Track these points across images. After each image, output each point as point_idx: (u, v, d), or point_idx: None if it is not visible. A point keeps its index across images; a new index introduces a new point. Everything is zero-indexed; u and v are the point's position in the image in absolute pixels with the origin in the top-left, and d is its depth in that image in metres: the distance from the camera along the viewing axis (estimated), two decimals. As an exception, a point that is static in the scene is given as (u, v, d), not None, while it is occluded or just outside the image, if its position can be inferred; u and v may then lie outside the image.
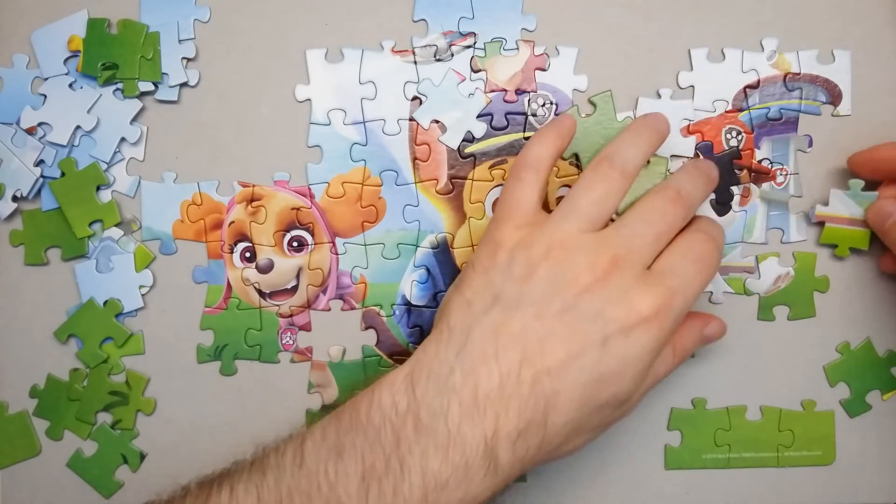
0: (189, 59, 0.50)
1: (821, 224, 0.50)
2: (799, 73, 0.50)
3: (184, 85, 0.51)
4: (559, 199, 0.50)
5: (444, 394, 0.39)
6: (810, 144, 0.50)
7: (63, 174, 0.50)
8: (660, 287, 0.40)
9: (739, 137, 0.50)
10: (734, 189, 0.50)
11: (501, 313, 0.40)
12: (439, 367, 0.40)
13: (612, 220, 0.43)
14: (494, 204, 0.50)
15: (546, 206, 0.50)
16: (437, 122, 0.50)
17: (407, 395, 0.39)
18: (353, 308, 0.51)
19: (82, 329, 0.51)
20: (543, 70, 0.50)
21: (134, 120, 0.50)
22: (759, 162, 0.50)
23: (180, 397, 0.51)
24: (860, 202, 0.49)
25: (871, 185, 0.49)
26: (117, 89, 0.50)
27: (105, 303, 0.51)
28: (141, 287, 0.51)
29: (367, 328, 0.51)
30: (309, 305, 0.51)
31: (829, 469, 0.51)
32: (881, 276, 0.50)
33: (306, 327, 0.51)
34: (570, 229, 0.41)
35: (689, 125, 0.50)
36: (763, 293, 0.51)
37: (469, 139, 0.50)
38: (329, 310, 0.51)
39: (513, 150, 0.50)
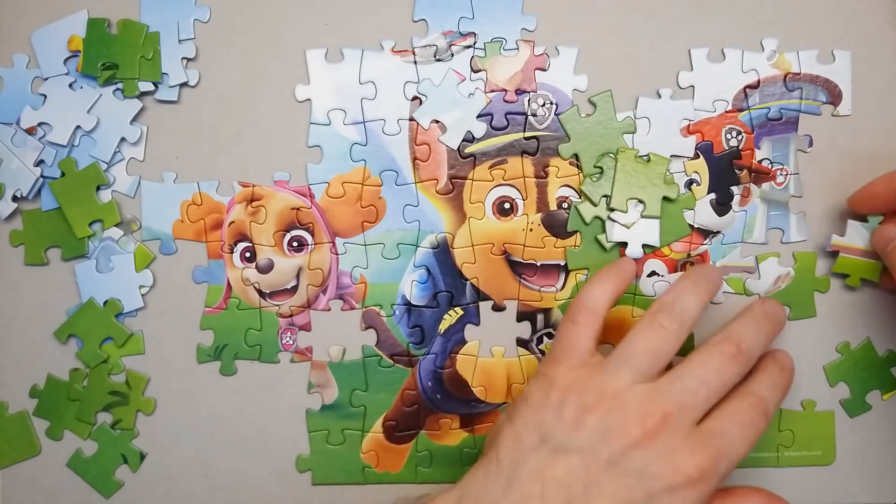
0: (189, 59, 0.50)
1: (835, 253, 0.50)
2: (799, 73, 0.50)
3: (184, 85, 0.51)
4: (559, 199, 0.50)
5: None
6: (810, 144, 0.50)
7: (63, 174, 0.50)
8: (707, 449, 0.40)
9: (739, 137, 0.50)
10: (734, 189, 0.50)
11: (549, 455, 0.40)
12: (486, 497, 0.40)
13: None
14: (494, 204, 0.50)
15: (546, 205, 0.50)
16: (437, 122, 0.50)
17: None
18: (353, 308, 0.51)
19: (82, 329, 0.51)
20: (543, 70, 0.50)
21: (134, 120, 0.50)
22: (760, 162, 0.50)
23: (180, 397, 0.51)
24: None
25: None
26: (117, 89, 0.50)
27: (105, 303, 0.51)
28: (141, 287, 0.51)
29: (367, 328, 0.51)
30: (309, 305, 0.51)
31: (829, 469, 0.51)
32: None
33: (306, 327, 0.51)
34: (624, 380, 0.41)
35: (689, 125, 0.50)
36: (763, 293, 0.51)
37: (469, 139, 0.50)
38: (329, 310, 0.51)
39: (513, 149, 0.50)
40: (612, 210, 0.50)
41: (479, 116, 0.50)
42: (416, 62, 0.50)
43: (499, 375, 0.51)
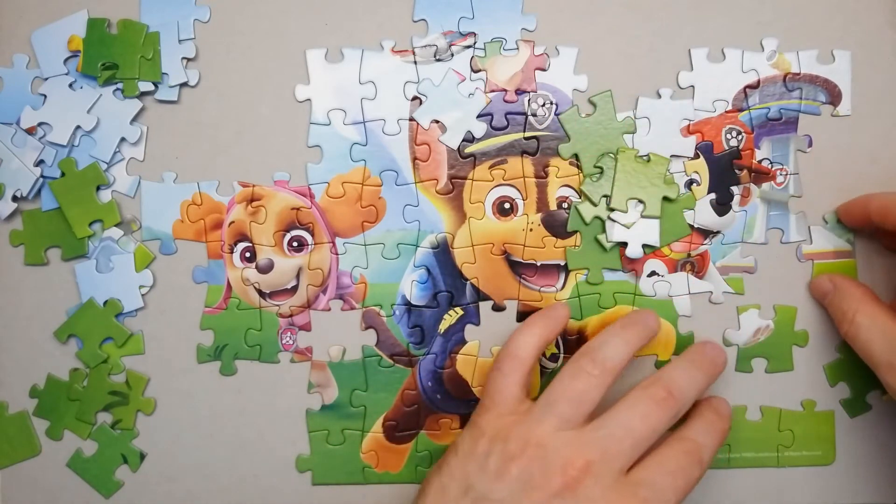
0: (189, 59, 0.50)
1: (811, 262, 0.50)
2: (799, 73, 0.50)
3: (184, 85, 0.51)
4: (559, 199, 0.50)
5: None
6: (810, 144, 0.50)
7: (63, 174, 0.50)
8: (632, 499, 0.39)
9: (739, 137, 0.50)
10: (734, 189, 0.50)
11: None
12: None
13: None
14: (494, 204, 0.50)
15: (546, 205, 0.50)
16: (437, 122, 0.50)
17: None
18: (353, 308, 0.51)
19: (82, 329, 0.51)
20: (543, 70, 0.50)
21: (134, 120, 0.50)
22: (759, 162, 0.50)
23: (180, 397, 0.51)
24: (840, 234, 0.50)
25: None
26: (117, 89, 0.50)
27: (105, 303, 0.51)
28: (141, 287, 0.51)
29: (367, 328, 0.51)
30: (309, 305, 0.51)
31: (829, 469, 0.51)
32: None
33: (306, 327, 0.51)
34: (548, 427, 0.41)
35: (689, 125, 0.50)
36: (742, 345, 0.51)
37: (469, 139, 0.50)
38: (329, 310, 0.51)
39: (513, 149, 0.50)
40: (612, 210, 0.50)
41: (479, 116, 0.50)
42: (416, 62, 0.50)
43: (499, 375, 0.51)
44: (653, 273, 0.50)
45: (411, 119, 0.50)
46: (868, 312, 0.45)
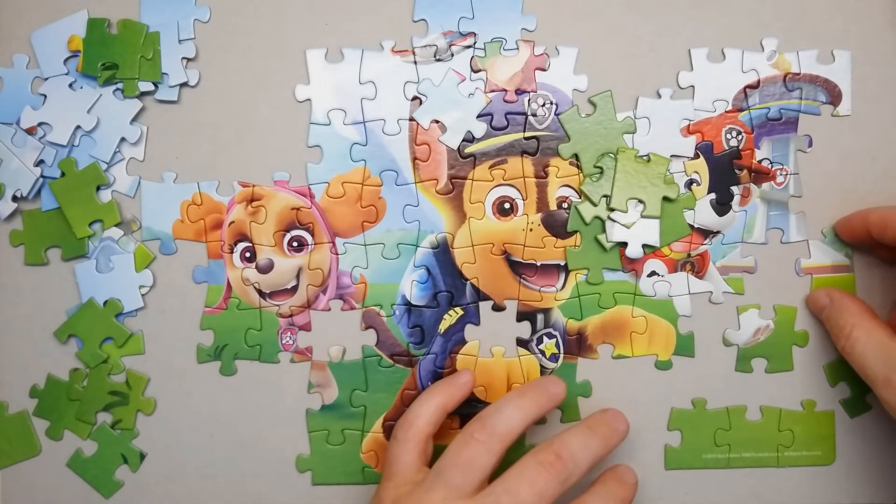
0: (189, 59, 0.50)
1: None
2: (799, 73, 0.50)
3: (184, 85, 0.51)
4: (559, 199, 0.50)
5: None
6: (810, 144, 0.50)
7: (63, 174, 0.50)
8: None
9: (739, 137, 0.50)
10: (734, 189, 0.50)
11: None
12: None
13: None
14: (494, 204, 0.50)
15: (546, 205, 0.50)
16: (437, 122, 0.50)
17: None
18: (353, 308, 0.51)
19: (82, 329, 0.51)
20: (543, 70, 0.50)
21: (134, 120, 0.50)
22: (759, 162, 0.50)
23: (180, 397, 0.51)
24: (839, 248, 0.50)
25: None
26: (117, 89, 0.50)
27: (105, 303, 0.51)
28: (141, 287, 0.51)
29: (367, 328, 0.51)
30: (309, 305, 0.51)
31: (828, 469, 0.51)
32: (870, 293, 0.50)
33: (306, 327, 0.51)
34: (438, 496, 0.41)
35: (689, 125, 0.50)
36: (742, 345, 0.51)
37: (469, 139, 0.50)
38: (329, 310, 0.51)
39: (513, 149, 0.50)
40: (612, 210, 0.50)
41: (479, 116, 0.50)
42: (416, 62, 0.50)
43: (499, 375, 0.51)
44: (653, 273, 0.50)
45: (411, 119, 0.50)
46: (865, 328, 0.45)
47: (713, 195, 0.50)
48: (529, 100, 0.50)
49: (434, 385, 0.47)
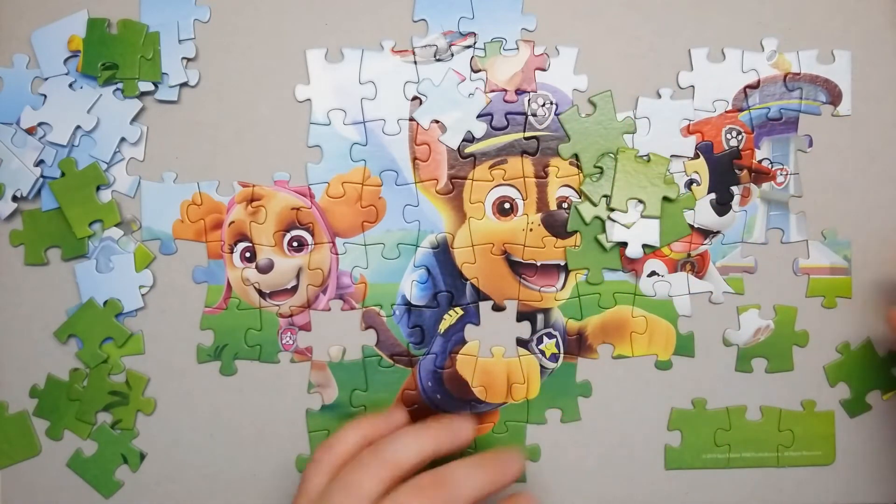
0: (189, 59, 0.50)
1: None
2: (799, 73, 0.50)
3: (184, 85, 0.51)
4: (559, 199, 0.50)
5: None
6: (810, 144, 0.50)
7: (63, 174, 0.50)
8: None
9: (739, 137, 0.50)
10: (734, 189, 0.50)
11: None
12: None
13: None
14: (494, 204, 0.50)
15: (546, 205, 0.50)
16: (437, 122, 0.50)
17: None
18: (353, 308, 0.51)
19: (82, 329, 0.51)
20: (543, 70, 0.50)
21: (134, 120, 0.50)
22: (760, 162, 0.50)
23: (180, 397, 0.51)
24: (838, 250, 0.50)
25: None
26: (117, 89, 0.50)
27: (105, 303, 0.51)
28: (141, 287, 0.51)
29: (367, 328, 0.51)
30: (309, 305, 0.51)
31: (829, 469, 0.51)
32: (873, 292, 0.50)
33: (306, 327, 0.51)
34: None
35: (689, 125, 0.50)
36: (742, 345, 0.51)
37: (469, 139, 0.50)
38: (329, 310, 0.51)
39: (513, 149, 0.50)
40: (612, 210, 0.50)
41: (479, 116, 0.50)
42: (416, 62, 0.50)
43: (499, 375, 0.51)
44: (653, 273, 0.50)
45: (411, 119, 0.50)
46: None
47: (713, 195, 0.50)
48: (529, 100, 0.50)
49: (358, 419, 0.46)
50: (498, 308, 0.51)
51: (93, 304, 0.51)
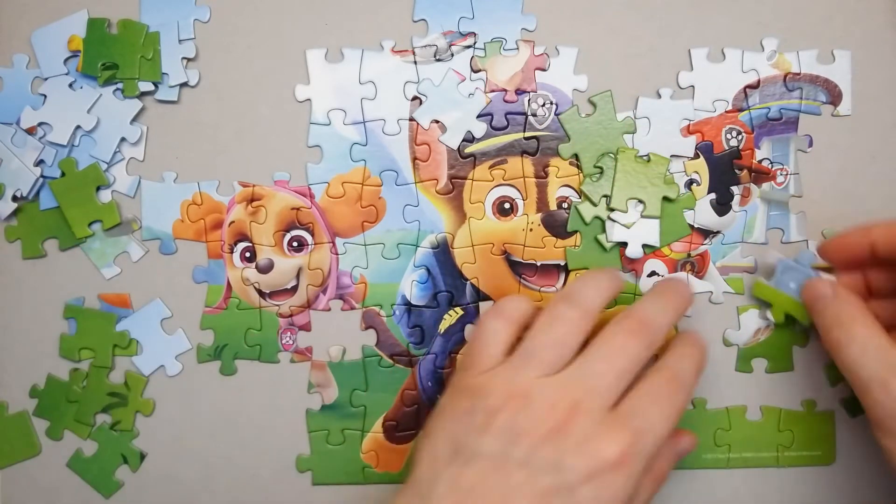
0: (189, 59, 0.50)
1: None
2: (799, 73, 0.50)
3: (184, 85, 0.51)
4: (559, 199, 0.50)
5: None
6: (810, 144, 0.50)
7: (63, 174, 0.50)
8: (624, 431, 0.39)
9: (739, 137, 0.50)
10: (734, 189, 0.50)
11: (462, 466, 0.39)
12: None
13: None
14: (494, 204, 0.50)
15: (546, 205, 0.50)
16: (437, 122, 0.50)
17: None
18: (353, 308, 0.51)
19: (88, 341, 0.51)
20: (543, 70, 0.50)
21: (134, 120, 0.50)
22: (760, 162, 0.50)
23: (180, 397, 0.51)
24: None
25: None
26: (117, 89, 0.50)
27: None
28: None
29: (367, 328, 0.51)
30: (309, 305, 0.51)
31: (829, 469, 0.51)
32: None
33: (306, 327, 0.51)
34: (528, 375, 0.40)
35: (689, 125, 0.50)
36: (742, 345, 0.51)
37: (469, 139, 0.50)
38: (329, 310, 0.51)
39: (513, 149, 0.50)
40: (612, 210, 0.50)
41: (479, 116, 0.50)
42: (416, 62, 0.50)
43: (499, 375, 0.51)
44: (653, 273, 0.50)
45: (411, 119, 0.50)
46: (867, 325, 0.43)
47: (713, 195, 0.50)
48: (529, 100, 0.50)
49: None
50: (498, 308, 0.51)
51: (93, 311, 0.51)
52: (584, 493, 0.38)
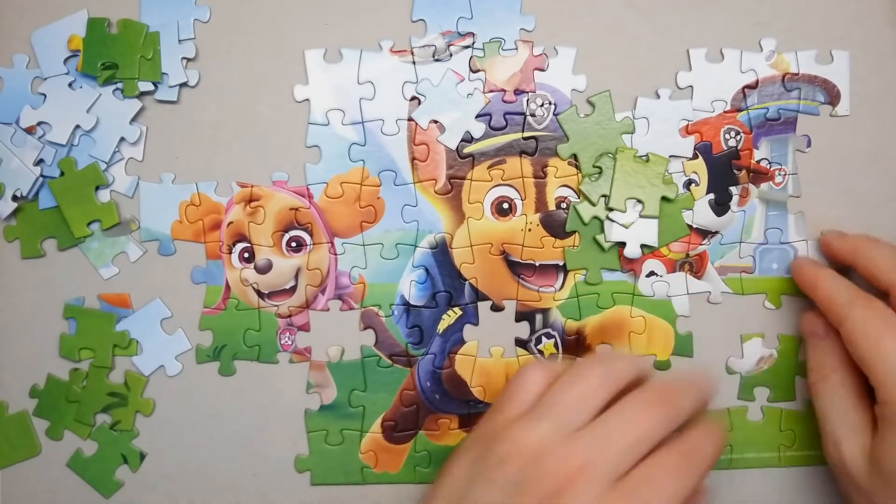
0: (189, 59, 0.51)
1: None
2: (797, 74, 0.50)
3: (183, 85, 0.51)
4: (558, 199, 0.50)
5: None
6: (809, 145, 0.50)
7: (62, 174, 0.50)
8: (625, 502, 0.39)
9: (738, 137, 0.50)
10: (733, 189, 0.50)
11: None
12: None
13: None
14: (493, 204, 0.50)
15: (544, 205, 0.50)
16: (435, 122, 0.50)
17: None
18: (351, 308, 0.51)
19: (88, 341, 0.51)
20: (542, 70, 0.50)
21: (133, 120, 0.51)
22: (758, 162, 0.50)
23: (179, 397, 0.51)
24: None
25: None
26: (117, 89, 0.50)
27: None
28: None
29: (365, 328, 0.51)
30: (307, 306, 0.51)
31: (830, 469, 0.51)
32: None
33: (305, 327, 0.51)
34: (544, 429, 0.40)
35: (687, 125, 0.50)
36: (745, 373, 0.51)
37: (468, 139, 0.50)
38: (328, 310, 0.51)
39: (511, 149, 0.50)
40: (610, 210, 0.49)
41: (477, 116, 0.50)
42: (414, 62, 0.50)
43: (497, 375, 0.51)
44: (651, 273, 0.50)
45: (410, 119, 0.50)
46: (843, 375, 0.46)
47: (712, 195, 0.50)
48: (528, 100, 0.50)
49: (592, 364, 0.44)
50: (496, 308, 0.51)
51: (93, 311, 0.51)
52: None
